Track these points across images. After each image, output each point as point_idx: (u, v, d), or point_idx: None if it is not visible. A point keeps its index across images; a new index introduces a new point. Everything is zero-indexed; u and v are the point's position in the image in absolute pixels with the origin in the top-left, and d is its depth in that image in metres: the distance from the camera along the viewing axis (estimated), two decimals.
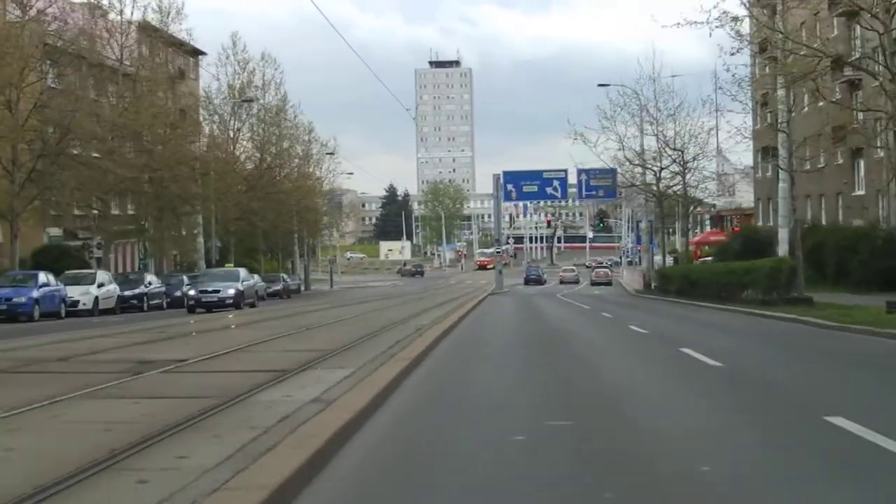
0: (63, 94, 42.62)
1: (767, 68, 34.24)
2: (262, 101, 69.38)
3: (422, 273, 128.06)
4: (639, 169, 53.84)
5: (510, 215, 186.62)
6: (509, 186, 68.84)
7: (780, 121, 33.22)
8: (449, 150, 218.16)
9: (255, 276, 60.03)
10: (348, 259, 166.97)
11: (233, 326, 26.15)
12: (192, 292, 40.50)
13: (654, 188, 53.00)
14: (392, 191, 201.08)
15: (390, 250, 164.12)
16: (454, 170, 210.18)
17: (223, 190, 62.48)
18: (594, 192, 68.77)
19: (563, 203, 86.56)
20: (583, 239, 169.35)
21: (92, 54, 45.62)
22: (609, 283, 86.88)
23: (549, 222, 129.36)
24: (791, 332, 22.88)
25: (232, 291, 40.63)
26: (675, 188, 51.54)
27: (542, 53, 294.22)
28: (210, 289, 40.38)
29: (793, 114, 33.35)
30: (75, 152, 43.78)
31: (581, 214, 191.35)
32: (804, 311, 26.78)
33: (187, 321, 30.29)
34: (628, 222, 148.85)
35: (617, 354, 17.32)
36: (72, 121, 41.29)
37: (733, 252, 56.67)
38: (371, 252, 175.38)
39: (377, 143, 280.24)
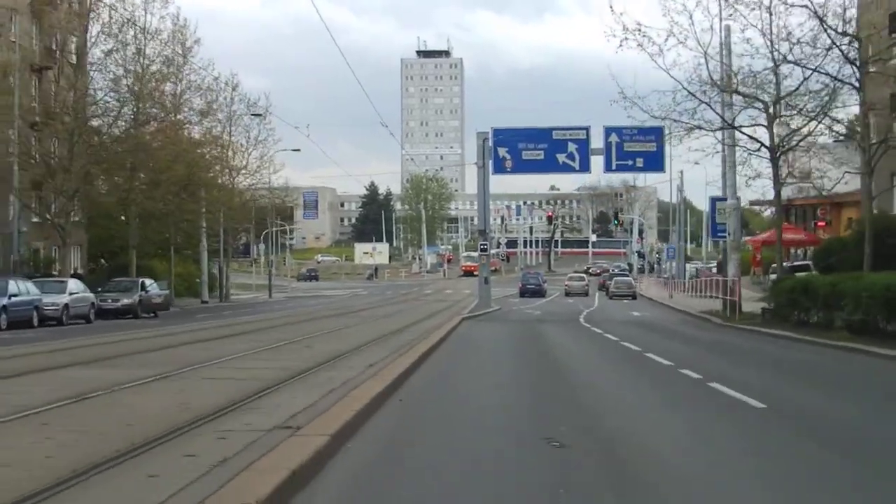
0: None
1: None
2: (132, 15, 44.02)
3: (316, 277, 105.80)
4: (736, 98, 28.28)
5: (502, 217, 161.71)
6: (502, 151, 43.44)
7: None
8: (436, 147, 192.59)
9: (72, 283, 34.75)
10: (319, 262, 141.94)
11: None
12: None
13: (766, 133, 27.65)
14: (373, 189, 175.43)
15: (366, 253, 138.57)
16: (441, 168, 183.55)
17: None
18: (630, 162, 43.38)
19: (585, 176, 55.05)
20: (583, 243, 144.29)
21: None
22: (633, 297, 62.99)
23: (550, 217, 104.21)
24: None
25: None
26: (819, 124, 26.25)
27: (539, 62, 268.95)
28: None
29: None
30: None
31: (579, 218, 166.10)
32: None
33: None
34: (636, 219, 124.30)
35: None
36: None
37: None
38: (347, 255, 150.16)
39: (369, 150, 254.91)
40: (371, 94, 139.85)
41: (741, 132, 28.59)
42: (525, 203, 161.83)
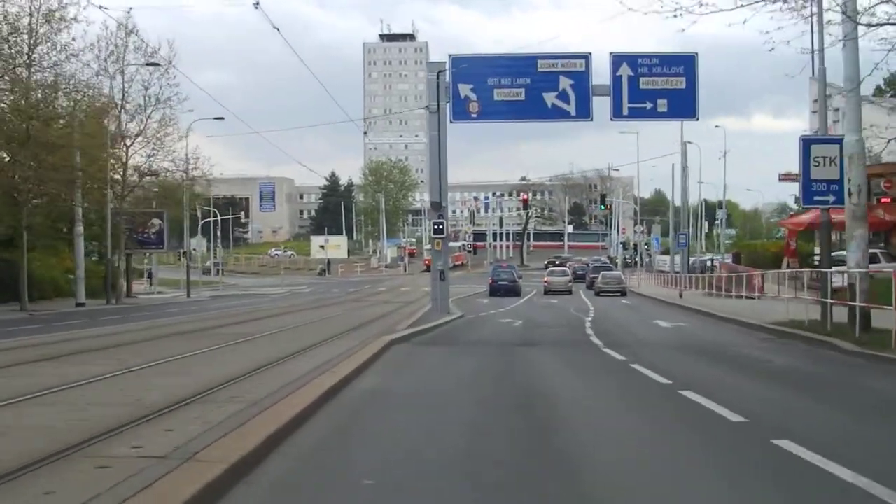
0: None
1: None
2: None
3: (220, 272, 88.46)
4: None
5: (470, 210, 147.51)
6: (465, 90, 29.63)
7: None
8: (401, 136, 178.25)
9: None
10: (272, 256, 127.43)
11: None
12: None
13: None
14: (334, 180, 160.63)
15: (321, 247, 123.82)
16: (406, 157, 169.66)
17: None
18: (647, 105, 29.42)
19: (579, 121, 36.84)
20: (557, 236, 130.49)
21: None
22: (623, 293, 52.33)
23: (525, 202, 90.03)
24: None
25: None
26: None
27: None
28: None
29: None
30: None
31: (552, 209, 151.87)
32: None
33: None
34: (619, 206, 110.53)
35: None
36: None
37: None
38: (303, 249, 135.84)
39: (337, 145, 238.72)
40: (335, 88, 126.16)
41: None
42: (494, 194, 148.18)
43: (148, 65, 45.24)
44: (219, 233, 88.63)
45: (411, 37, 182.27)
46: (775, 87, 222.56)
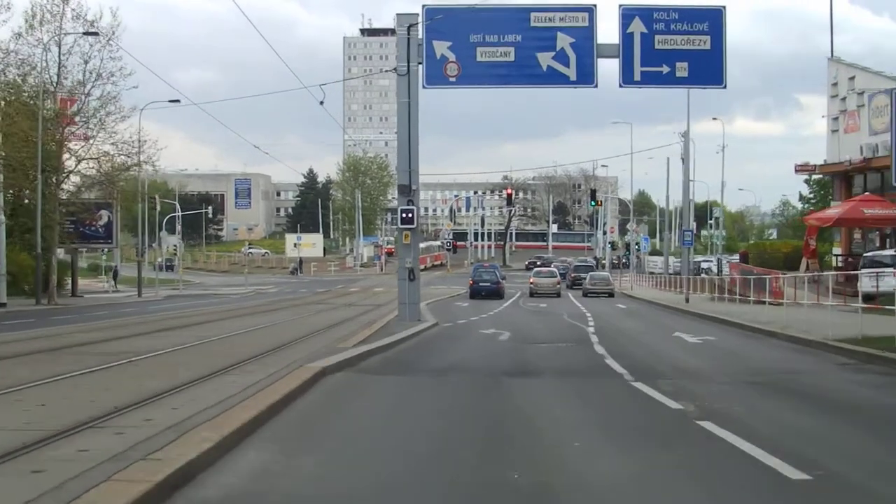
0: None
1: None
2: None
3: (172, 268, 76.79)
4: None
5: (451, 209, 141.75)
6: (441, 48, 24.10)
7: None
8: (381, 132, 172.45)
9: None
10: (247, 255, 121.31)
11: None
12: None
13: None
14: (311, 177, 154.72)
15: (295, 245, 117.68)
16: (386, 154, 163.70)
17: None
18: (664, 69, 23.85)
19: (579, 86, 30.83)
20: (540, 236, 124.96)
21: None
22: (611, 294, 50.16)
23: (510, 196, 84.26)
24: None
25: None
26: None
27: None
28: None
29: None
30: None
31: (535, 209, 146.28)
32: None
33: None
34: (609, 202, 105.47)
35: None
36: None
37: None
38: (279, 247, 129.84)
39: (318, 144, 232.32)
40: (317, 86, 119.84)
41: None
42: (476, 192, 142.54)
43: (86, 34, 39.33)
44: (180, 227, 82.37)
45: (392, 31, 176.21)
46: (763, 89, 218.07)
